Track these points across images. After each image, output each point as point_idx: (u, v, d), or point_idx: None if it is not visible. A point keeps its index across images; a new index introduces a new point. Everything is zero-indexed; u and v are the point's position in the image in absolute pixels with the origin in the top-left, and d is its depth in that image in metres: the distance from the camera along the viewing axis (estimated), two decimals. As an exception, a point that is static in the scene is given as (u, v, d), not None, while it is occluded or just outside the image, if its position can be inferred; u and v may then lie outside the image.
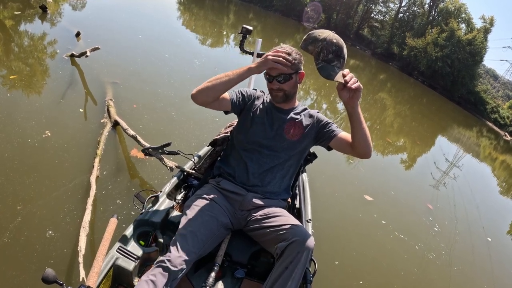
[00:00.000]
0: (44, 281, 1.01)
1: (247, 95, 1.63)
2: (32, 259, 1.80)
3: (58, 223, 2.05)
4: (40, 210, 2.09)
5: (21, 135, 2.69)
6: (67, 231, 2.02)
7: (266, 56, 1.42)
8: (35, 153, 2.54)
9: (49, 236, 1.95)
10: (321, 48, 1.29)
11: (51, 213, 2.10)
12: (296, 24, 29.68)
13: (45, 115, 3.08)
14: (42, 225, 2.00)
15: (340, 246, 2.88)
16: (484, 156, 11.67)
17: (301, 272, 1.27)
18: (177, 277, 1.21)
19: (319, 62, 1.29)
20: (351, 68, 12.28)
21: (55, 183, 2.33)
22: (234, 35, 12.08)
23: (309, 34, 1.35)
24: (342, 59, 1.32)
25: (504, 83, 50.19)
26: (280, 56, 1.41)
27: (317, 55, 1.29)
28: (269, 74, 1.48)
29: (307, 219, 1.72)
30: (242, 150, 1.60)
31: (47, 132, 2.82)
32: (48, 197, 2.20)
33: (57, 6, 7.44)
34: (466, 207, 5.13)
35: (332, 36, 1.32)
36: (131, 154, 2.96)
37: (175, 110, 4.09)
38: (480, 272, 3.49)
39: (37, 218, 2.04)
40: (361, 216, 3.52)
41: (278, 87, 1.50)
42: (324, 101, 8.50)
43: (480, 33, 24.94)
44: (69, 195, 2.28)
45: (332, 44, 1.29)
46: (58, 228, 2.02)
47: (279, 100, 1.55)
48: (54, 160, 2.56)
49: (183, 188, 1.74)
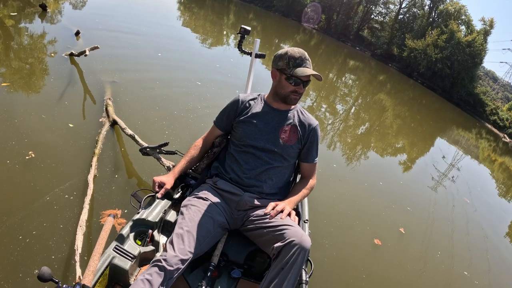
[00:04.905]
0: (40, 279, 1.01)
1: (232, 109, 1.68)
2: (28, 257, 1.80)
3: (55, 221, 2.05)
4: (37, 208, 2.09)
5: (17, 132, 2.69)
6: (64, 230, 2.02)
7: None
8: (34, 150, 2.54)
9: (45, 234, 1.95)
10: (288, 59, 1.51)
11: (48, 211, 2.10)
12: (296, 24, 29.72)
13: (44, 113, 3.08)
14: (39, 223, 2.00)
15: (336, 247, 2.89)
16: (483, 158, 11.68)
17: (297, 273, 1.27)
18: (173, 276, 1.21)
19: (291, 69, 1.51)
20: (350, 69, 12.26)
21: (53, 182, 2.33)
22: (234, 35, 12.09)
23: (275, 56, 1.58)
24: (307, 60, 1.53)
25: (503, 85, 50.22)
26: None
27: (287, 65, 1.51)
28: (301, 78, 1.51)
29: (303, 219, 1.72)
30: (239, 152, 1.61)
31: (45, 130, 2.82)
32: (45, 195, 2.20)
33: (57, 5, 7.44)
34: (465, 209, 5.14)
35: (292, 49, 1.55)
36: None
37: (173, 110, 4.09)
38: (478, 273, 3.50)
39: (34, 216, 2.04)
40: (358, 217, 3.52)
41: (302, 91, 1.56)
42: (324, 102, 8.50)
43: (480, 35, 25.00)
44: (67, 194, 2.28)
45: (294, 52, 1.52)
46: (55, 226, 2.02)
47: (295, 102, 1.62)
48: (52, 158, 2.56)
49: (180, 187, 1.74)
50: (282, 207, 1.46)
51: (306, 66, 1.50)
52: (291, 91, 1.55)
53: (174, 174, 1.63)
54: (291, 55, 1.50)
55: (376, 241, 3.16)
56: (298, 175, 1.81)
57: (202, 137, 1.77)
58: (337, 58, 20.73)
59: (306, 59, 1.51)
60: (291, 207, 1.50)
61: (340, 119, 7.40)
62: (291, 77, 1.51)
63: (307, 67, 1.50)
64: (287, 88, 1.54)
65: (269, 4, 31.78)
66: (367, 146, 6.42)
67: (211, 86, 5.58)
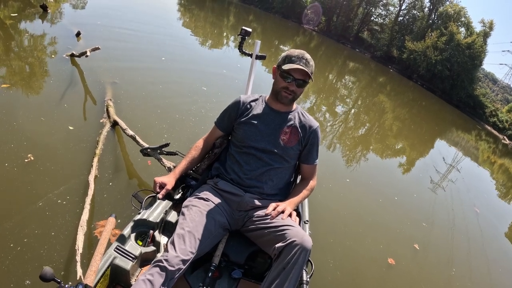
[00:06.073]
0: (42, 279, 1.01)
1: (233, 111, 1.68)
2: (30, 257, 1.80)
3: (56, 221, 2.06)
4: (38, 209, 2.09)
5: (17, 135, 2.69)
6: (65, 230, 2.02)
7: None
8: (33, 152, 2.54)
9: (47, 235, 1.95)
10: (286, 56, 1.56)
11: (50, 211, 2.10)
12: (296, 26, 29.76)
13: (44, 115, 3.08)
14: (41, 224, 2.00)
15: (337, 247, 2.89)
16: (482, 160, 11.68)
17: (298, 273, 1.27)
18: (174, 276, 1.22)
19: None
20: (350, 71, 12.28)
21: (54, 182, 2.33)
22: (234, 37, 12.11)
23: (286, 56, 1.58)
24: (304, 60, 1.54)
25: (503, 87, 50.29)
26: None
27: (283, 61, 1.55)
28: (292, 75, 1.51)
29: (304, 220, 1.73)
30: (239, 153, 1.62)
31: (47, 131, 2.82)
32: (47, 195, 2.20)
33: (58, 6, 7.45)
34: (464, 210, 5.14)
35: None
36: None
37: (174, 111, 4.10)
38: (478, 275, 3.50)
39: (35, 216, 2.04)
40: (359, 217, 3.53)
41: (294, 89, 1.54)
42: (323, 104, 8.51)
43: (479, 37, 25.04)
44: (68, 194, 2.28)
45: (294, 51, 1.55)
46: (56, 227, 2.02)
47: (286, 101, 1.59)
48: (53, 159, 2.56)
49: (181, 188, 1.74)
50: (283, 208, 1.46)
51: (299, 64, 1.49)
52: (282, 87, 1.55)
53: (175, 175, 1.63)
54: (290, 53, 1.54)
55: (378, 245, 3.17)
56: (298, 176, 1.82)
57: (203, 138, 1.77)
58: (337, 60, 20.76)
59: (303, 58, 1.51)
60: (292, 207, 1.51)
61: (340, 121, 7.41)
62: (283, 73, 1.52)
63: (301, 65, 1.49)
64: (279, 83, 1.56)
65: (269, 5, 31.81)
66: (367, 148, 6.43)
67: (217, 91, 5.49)
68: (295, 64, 1.49)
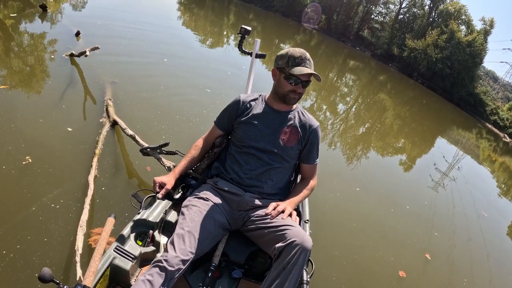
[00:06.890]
0: (41, 280, 1.00)
1: (233, 110, 1.67)
2: (29, 258, 1.79)
3: (55, 222, 2.05)
4: (38, 209, 2.09)
5: (14, 136, 2.67)
6: (64, 231, 2.01)
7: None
8: (33, 152, 2.53)
9: (46, 235, 1.95)
10: (288, 58, 1.51)
11: (49, 212, 2.10)
12: (296, 25, 29.72)
13: (42, 116, 3.07)
14: (40, 224, 2.00)
15: (338, 247, 2.88)
16: (483, 158, 11.66)
17: (298, 273, 1.26)
18: (174, 277, 1.21)
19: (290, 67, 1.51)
20: (350, 70, 12.25)
21: (53, 182, 2.33)
22: (234, 36, 12.08)
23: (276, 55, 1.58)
24: (307, 60, 1.52)
25: (503, 85, 50.10)
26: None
27: (287, 64, 1.51)
28: (300, 77, 1.50)
29: (305, 220, 1.72)
30: (239, 152, 1.61)
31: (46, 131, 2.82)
32: (46, 196, 2.20)
33: (58, 5, 7.45)
34: (464, 209, 5.13)
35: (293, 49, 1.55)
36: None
37: (173, 111, 4.09)
38: (479, 274, 3.49)
39: (35, 216, 2.03)
40: (360, 217, 3.52)
41: (301, 91, 1.55)
42: (324, 103, 8.50)
43: (480, 35, 24.98)
44: (67, 194, 2.27)
45: (295, 52, 1.52)
46: (55, 227, 2.02)
47: (294, 102, 1.60)
48: (53, 159, 2.56)
49: (180, 188, 1.74)
50: (283, 208, 1.45)
51: (305, 66, 1.49)
52: (289, 90, 1.54)
53: (174, 175, 1.63)
54: (291, 54, 1.50)
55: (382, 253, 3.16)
56: (298, 175, 1.81)
57: (202, 137, 1.76)
58: (337, 58, 20.73)
59: (306, 59, 1.51)
60: (292, 207, 1.50)
61: (340, 119, 7.40)
62: (289, 76, 1.50)
63: (307, 67, 1.49)
64: (286, 87, 1.54)
65: (269, 4, 31.78)
66: (367, 146, 6.42)
67: (221, 93, 5.44)
68: (301, 66, 1.49)
